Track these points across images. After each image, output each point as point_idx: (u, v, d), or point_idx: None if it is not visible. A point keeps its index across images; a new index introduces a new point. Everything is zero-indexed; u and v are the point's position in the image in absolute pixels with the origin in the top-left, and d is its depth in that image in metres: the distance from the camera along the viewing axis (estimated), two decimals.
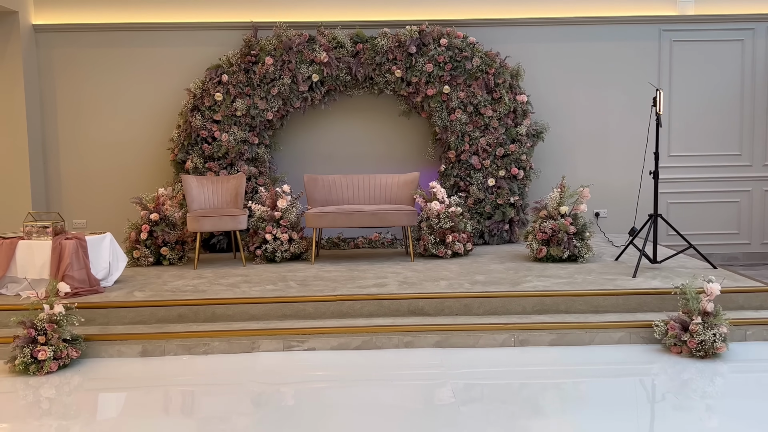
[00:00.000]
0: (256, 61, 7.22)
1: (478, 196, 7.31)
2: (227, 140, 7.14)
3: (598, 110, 7.85)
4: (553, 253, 6.27)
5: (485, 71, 7.27)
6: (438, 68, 7.23)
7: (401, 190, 6.92)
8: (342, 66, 7.27)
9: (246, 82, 7.19)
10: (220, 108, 7.18)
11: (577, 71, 7.80)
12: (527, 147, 7.37)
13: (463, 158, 7.32)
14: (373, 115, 7.74)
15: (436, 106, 7.31)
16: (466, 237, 6.69)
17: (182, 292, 5.37)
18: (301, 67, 7.19)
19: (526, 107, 7.39)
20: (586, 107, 7.84)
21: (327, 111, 7.69)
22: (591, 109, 7.85)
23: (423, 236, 6.67)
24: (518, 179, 7.39)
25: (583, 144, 7.88)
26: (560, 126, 7.77)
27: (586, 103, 7.84)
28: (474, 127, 7.31)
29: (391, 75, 7.30)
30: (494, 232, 7.37)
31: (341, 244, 7.33)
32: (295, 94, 7.27)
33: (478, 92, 7.25)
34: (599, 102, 7.84)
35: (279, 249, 6.52)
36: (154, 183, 7.60)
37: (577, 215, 6.39)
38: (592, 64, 7.79)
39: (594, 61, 7.79)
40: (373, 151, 7.78)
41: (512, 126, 7.34)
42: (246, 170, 7.16)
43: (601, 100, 7.84)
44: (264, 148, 7.33)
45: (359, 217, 6.41)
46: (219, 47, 7.47)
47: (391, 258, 6.73)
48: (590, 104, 7.84)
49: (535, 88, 7.66)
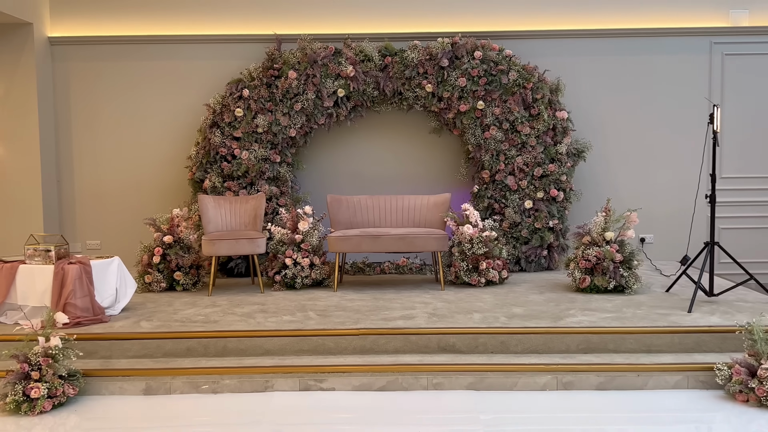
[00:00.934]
0: (279, 75, 6.83)
1: (513, 220, 6.81)
2: (247, 158, 6.75)
3: (644, 128, 7.32)
4: (598, 283, 5.73)
5: (522, 86, 6.79)
6: (471, 82, 6.77)
7: (431, 212, 6.45)
8: (369, 80, 6.85)
9: (268, 97, 6.81)
10: (240, 124, 6.80)
11: (621, 86, 7.29)
12: (567, 167, 6.86)
13: (498, 178, 6.83)
14: (402, 132, 7.30)
15: (469, 122, 6.85)
16: (502, 264, 6.18)
17: (192, 323, 4.95)
18: (326, 82, 6.79)
19: (566, 124, 6.89)
20: (631, 125, 7.32)
21: (353, 128, 7.27)
22: (635, 127, 7.32)
23: (454, 262, 6.18)
24: (558, 201, 6.87)
25: (627, 164, 7.34)
26: (602, 145, 7.25)
27: (630, 120, 7.31)
28: (510, 145, 6.83)
29: (421, 90, 6.86)
30: (531, 258, 6.85)
31: (366, 269, 6.87)
32: (319, 109, 6.87)
33: (514, 108, 6.78)
34: (644, 119, 7.31)
35: (299, 275, 6.07)
36: (171, 203, 7.24)
37: (624, 242, 5.86)
38: (637, 78, 7.28)
39: (639, 76, 7.27)
40: (402, 170, 7.33)
41: (551, 144, 6.84)
42: (266, 190, 6.75)
43: (646, 117, 7.31)
44: (286, 167, 6.93)
45: (386, 242, 5.95)
46: (241, 61, 7.10)
47: (420, 285, 6.25)
48: (635, 122, 7.31)
49: (575, 104, 7.16)
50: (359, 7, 7.22)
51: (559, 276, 6.60)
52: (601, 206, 6.96)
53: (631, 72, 7.27)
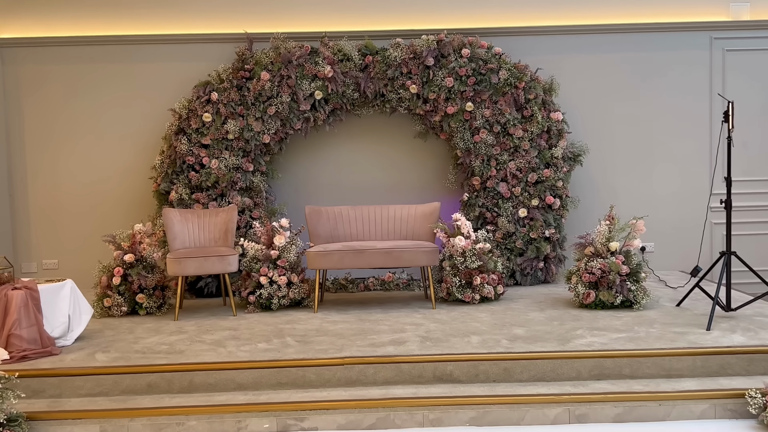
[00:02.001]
0: (251, 76, 6.29)
1: (507, 229, 6.31)
2: (217, 167, 6.19)
3: (642, 129, 6.87)
4: (603, 299, 5.25)
5: (514, 85, 6.31)
6: (459, 83, 6.28)
7: (419, 223, 5.93)
8: (349, 81, 6.33)
9: (239, 100, 6.26)
10: (209, 130, 6.24)
11: (617, 85, 6.84)
12: (563, 172, 6.38)
13: (490, 185, 6.33)
14: (385, 137, 6.78)
15: (457, 125, 6.35)
16: (497, 278, 5.67)
17: (155, 354, 4.37)
18: (302, 83, 6.26)
19: (561, 126, 6.41)
20: (628, 126, 6.87)
21: (332, 133, 6.74)
22: (633, 128, 6.87)
23: (445, 278, 5.66)
24: (554, 209, 6.39)
25: (626, 168, 6.89)
26: (598, 147, 6.79)
27: (627, 120, 6.86)
28: (502, 149, 6.34)
29: (405, 91, 6.35)
30: (527, 270, 6.35)
31: (349, 285, 6.33)
32: (295, 113, 6.33)
33: (506, 110, 6.29)
34: (643, 119, 6.86)
35: (276, 294, 5.52)
36: (136, 217, 6.64)
37: (630, 252, 5.39)
38: (633, 76, 6.83)
39: (636, 74, 6.83)
40: (386, 178, 6.81)
41: (546, 148, 6.36)
42: (239, 202, 6.19)
43: (645, 118, 6.86)
44: (260, 176, 6.37)
45: (370, 257, 5.42)
46: (209, 62, 6.54)
47: (409, 303, 5.72)
48: (633, 122, 6.86)
49: (569, 104, 6.70)
50: (337, 3, 6.70)
51: (558, 290, 6.11)
52: (599, 213, 6.51)
53: (627, 70, 6.83)
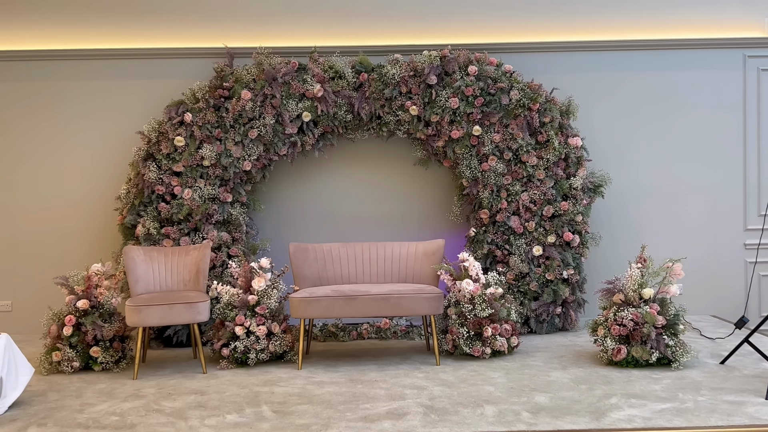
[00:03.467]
0: (230, 95, 5.56)
1: (520, 270, 5.56)
2: (190, 198, 5.44)
3: (667, 156, 6.15)
4: (636, 355, 4.48)
5: (527, 107, 5.59)
6: (465, 104, 5.56)
7: (421, 263, 5.17)
8: (341, 102, 5.61)
9: (216, 122, 5.53)
10: (181, 156, 5.49)
11: (640, 107, 6.13)
12: (583, 205, 5.65)
13: (500, 219, 5.59)
14: (382, 164, 6.05)
15: (463, 152, 5.62)
16: (511, 328, 4.91)
17: (100, 429, 3.58)
18: (289, 103, 5.53)
19: (580, 153, 5.69)
20: (651, 153, 6.15)
21: (322, 159, 6.00)
22: (657, 156, 6.15)
23: (451, 328, 4.89)
24: (572, 247, 5.64)
25: (649, 201, 6.15)
26: (619, 177, 6.06)
27: (650, 147, 6.15)
28: (513, 178, 5.61)
29: (404, 113, 5.63)
30: (543, 317, 5.59)
31: (340, 333, 5.55)
32: (280, 137, 5.59)
33: (518, 134, 5.57)
34: (668, 146, 6.15)
35: (253, 348, 4.74)
36: (102, 254, 5.87)
37: (666, 301, 4.63)
38: (658, 98, 6.13)
39: (661, 95, 6.13)
40: (383, 211, 6.06)
41: (563, 177, 5.63)
42: (215, 237, 5.43)
43: (669, 144, 6.15)
44: (239, 208, 5.62)
45: (364, 304, 4.65)
46: (183, 79, 5.82)
47: (408, 357, 4.95)
48: (656, 149, 6.15)
49: (585, 128, 5.98)
50: (328, 14, 6.00)
51: (579, 340, 5.34)
52: (621, 252, 5.82)
53: (651, 90, 6.12)
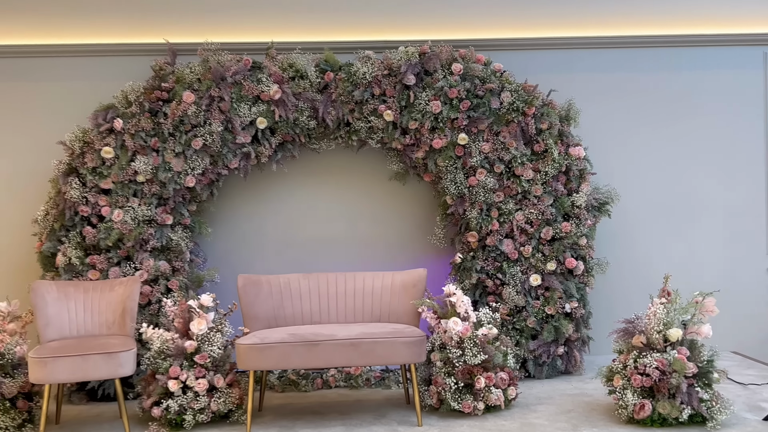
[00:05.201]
0: (170, 98, 4.68)
1: (515, 303, 4.71)
2: (121, 220, 4.53)
3: (681, 169, 5.37)
4: (664, 412, 3.63)
5: (521, 112, 4.77)
6: (449, 108, 4.73)
7: (398, 298, 4.29)
8: (303, 106, 4.75)
9: (152, 130, 4.63)
10: (110, 170, 4.58)
11: (648, 113, 5.35)
12: (587, 225, 4.82)
13: (491, 243, 4.74)
14: (353, 179, 5.19)
15: (446, 164, 4.78)
16: (507, 377, 4.04)
17: None
18: (240, 108, 4.66)
19: (583, 165, 4.88)
20: (663, 165, 5.37)
21: (281, 174, 5.12)
22: (669, 168, 5.37)
23: (436, 378, 4.01)
24: (576, 275, 4.81)
25: (660, 220, 5.36)
26: (625, 193, 5.25)
27: (661, 158, 5.37)
28: (506, 195, 4.78)
29: (377, 118, 4.78)
30: (543, 359, 4.73)
31: (302, 382, 4.64)
32: (230, 147, 4.71)
33: (510, 143, 4.74)
34: (681, 157, 5.37)
35: (191, 406, 3.82)
36: (19, 289, 4.90)
37: (696, 344, 3.80)
38: (668, 102, 5.35)
39: (671, 98, 5.35)
40: (354, 234, 5.19)
41: (564, 194, 4.81)
42: (150, 267, 4.52)
43: (684, 155, 5.37)
44: (181, 232, 4.71)
45: (328, 352, 3.76)
46: (117, 81, 4.89)
47: (383, 414, 4.05)
48: (668, 160, 5.37)
49: (587, 137, 5.17)
50: (288, 5, 5.10)
51: (587, 388, 4.49)
52: (629, 281, 5.05)
53: (660, 93, 5.35)
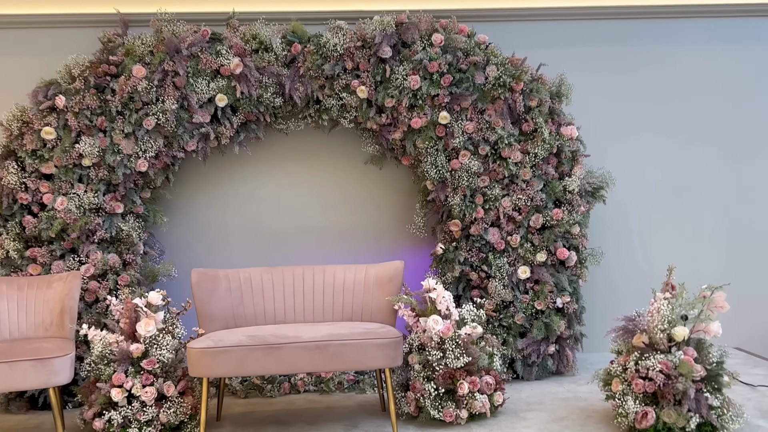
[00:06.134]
0: (118, 72, 4.20)
1: (502, 298, 4.29)
2: (65, 208, 4.06)
3: (683, 152, 4.97)
4: (669, 421, 3.23)
5: (508, 88, 4.33)
6: (429, 83, 4.28)
7: (372, 294, 3.85)
8: (268, 81, 4.29)
9: (99, 108, 4.16)
10: (52, 153, 4.11)
11: (645, 90, 4.94)
12: (581, 212, 4.41)
13: (475, 232, 4.32)
14: (324, 163, 4.74)
15: (426, 146, 4.34)
16: (494, 381, 3.62)
17: None
18: (197, 83, 4.19)
19: (576, 147, 4.46)
20: (661, 147, 4.96)
21: (244, 157, 4.66)
22: (670, 151, 4.96)
23: (413, 383, 3.59)
24: (568, 267, 4.39)
25: (659, 206, 4.96)
26: (620, 178, 4.82)
27: (662, 140, 4.96)
28: (492, 179, 4.35)
29: (350, 95, 4.33)
30: (532, 358, 4.32)
31: (267, 387, 4.20)
32: (186, 128, 4.25)
33: (496, 122, 4.31)
34: (684, 139, 4.96)
35: (137, 418, 3.37)
36: None
37: (704, 343, 3.40)
38: (668, 79, 4.94)
39: (672, 75, 4.94)
40: (324, 223, 4.74)
41: (555, 178, 4.39)
42: (98, 260, 4.06)
43: (687, 137, 4.97)
44: (133, 222, 4.25)
45: (291, 356, 3.32)
46: (61, 54, 4.40)
47: (356, 423, 3.63)
48: (668, 142, 4.96)
49: (579, 116, 4.73)
50: None
51: (580, 391, 4.08)
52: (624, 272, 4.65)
53: (662, 69, 4.93)
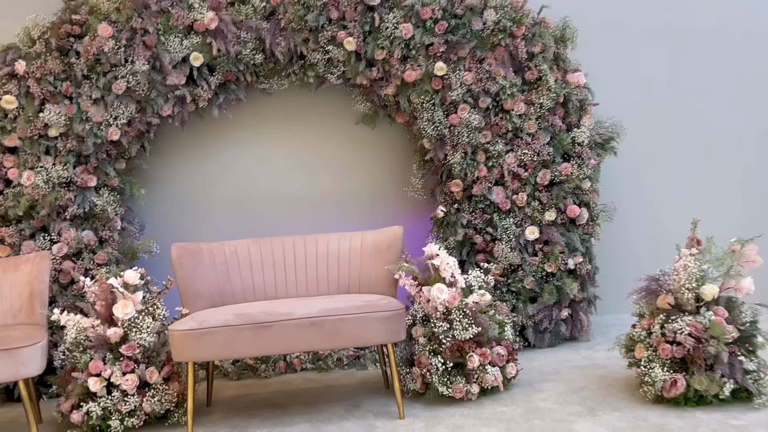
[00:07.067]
0: (82, 33, 3.84)
1: (510, 261, 3.98)
2: (32, 184, 3.73)
3: (697, 98, 4.64)
4: (701, 388, 2.95)
5: (509, 33, 3.98)
6: (423, 31, 3.92)
7: (370, 263, 3.54)
8: (247, 36, 3.93)
9: (63, 73, 3.80)
10: (15, 124, 3.77)
11: (657, 31, 4.59)
12: (591, 166, 4.09)
13: (478, 192, 4.00)
14: (312, 124, 4.40)
15: (422, 100, 4.00)
16: (506, 352, 3.33)
17: None
18: (169, 41, 3.83)
19: (584, 95, 4.12)
20: (676, 92, 4.63)
21: (225, 121, 4.32)
22: (684, 97, 4.64)
23: (419, 357, 3.30)
24: (579, 225, 4.08)
25: (674, 159, 4.65)
26: (631, 128, 4.49)
27: (674, 85, 4.63)
28: (494, 134, 4.02)
29: (337, 48, 3.98)
30: (544, 325, 4.03)
31: (261, 367, 3.91)
32: (159, 91, 3.89)
33: (497, 71, 3.96)
34: (698, 84, 4.63)
35: (118, 408, 3.08)
36: None
37: (735, 302, 3.11)
38: (681, 17, 4.59)
39: (685, 13, 4.59)
40: (315, 189, 4.42)
41: (563, 130, 4.06)
42: (71, 239, 3.74)
43: (701, 81, 4.64)
44: (108, 195, 3.92)
45: (283, 335, 3.02)
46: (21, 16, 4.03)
47: (358, 403, 3.34)
48: (682, 87, 4.63)
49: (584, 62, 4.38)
50: None
51: (597, 357, 3.80)
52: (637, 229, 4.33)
53: (672, 9, 4.58)
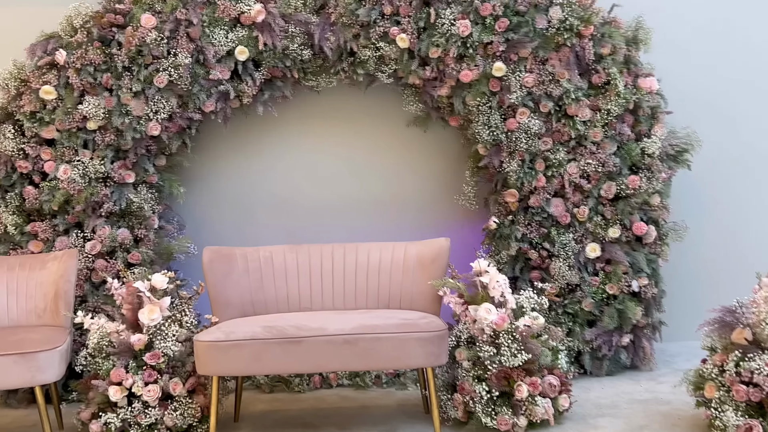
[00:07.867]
0: (125, 23, 3.69)
1: (567, 280, 3.67)
2: (68, 178, 3.60)
3: None
4: None
5: (576, 32, 3.67)
6: (482, 28, 3.65)
7: (413, 277, 3.28)
8: (295, 31, 3.72)
9: (104, 63, 3.66)
10: (53, 116, 3.65)
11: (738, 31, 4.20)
12: (662, 179, 3.73)
13: (535, 204, 3.70)
14: (361, 125, 4.16)
15: (478, 103, 3.72)
16: (558, 382, 3.03)
17: None
18: (215, 34, 3.66)
19: (656, 102, 3.77)
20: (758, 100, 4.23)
21: (270, 119, 4.11)
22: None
23: (462, 383, 3.02)
24: (646, 243, 3.73)
25: (755, 175, 4.24)
26: (707, 139, 4.10)
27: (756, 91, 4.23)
28: (555, 142, 3.71)
29: (389, 46, 3.73)
30: (602, 351, 3.69)
31: (294, 380, 3.70)
32: (202, 85, 3.72)
33: (561, 74, 3.65)
34: None
35: (137, 421, 2.91)
36: None
37: None
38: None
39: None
40: (358, 194, 4.16)
41: (632, 139, 3.72)
42: (105, 237, 3.60)
43: None
44: (146, 192, 3.77)
45: (314, 352, 2.79)
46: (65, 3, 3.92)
47: (394, 426, 3.09)
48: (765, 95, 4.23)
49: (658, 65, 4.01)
50: None
51: (661, 390, 3.45)
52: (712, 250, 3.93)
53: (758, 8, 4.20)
